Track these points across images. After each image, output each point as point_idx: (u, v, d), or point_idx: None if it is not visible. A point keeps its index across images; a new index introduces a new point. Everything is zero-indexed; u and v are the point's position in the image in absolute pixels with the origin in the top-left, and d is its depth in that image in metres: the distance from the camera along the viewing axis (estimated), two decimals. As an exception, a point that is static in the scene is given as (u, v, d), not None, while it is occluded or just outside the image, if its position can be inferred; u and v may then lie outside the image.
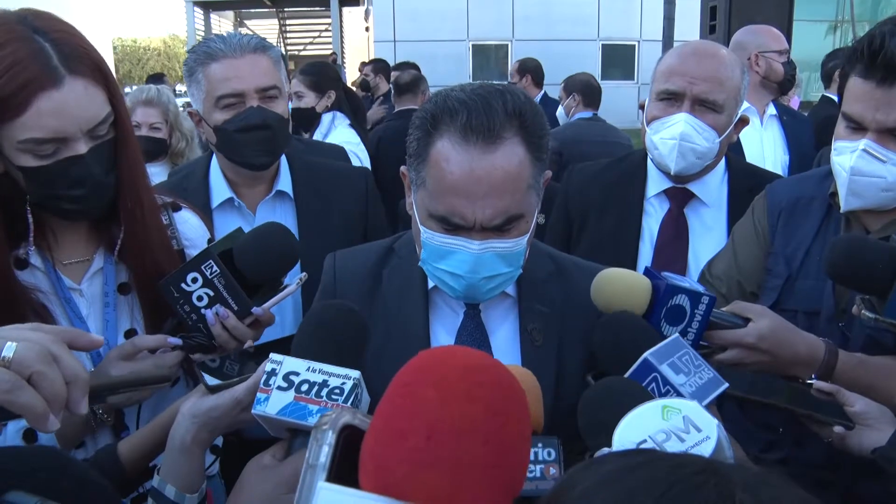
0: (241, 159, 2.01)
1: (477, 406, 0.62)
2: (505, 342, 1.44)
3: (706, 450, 0.86)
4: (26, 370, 0.96)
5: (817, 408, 1.42)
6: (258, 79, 1.94)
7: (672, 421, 0.89)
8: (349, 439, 0.68)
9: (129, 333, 1.52)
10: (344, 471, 0.65)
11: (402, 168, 1.43)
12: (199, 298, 1.43)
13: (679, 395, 1.10)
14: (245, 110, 1.94)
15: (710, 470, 0.57)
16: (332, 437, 0.69)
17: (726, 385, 1.16)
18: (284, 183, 2.13)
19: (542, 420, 1.06)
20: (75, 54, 1.32)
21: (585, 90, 5.44)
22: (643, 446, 0.88)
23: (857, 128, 1.55)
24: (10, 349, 0.96)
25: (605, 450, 0.91)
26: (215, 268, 1.42)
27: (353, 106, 4.26)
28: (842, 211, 1.63)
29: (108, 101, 1.38)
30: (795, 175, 2.03)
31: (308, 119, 4.12)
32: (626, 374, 1.12)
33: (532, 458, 0.97)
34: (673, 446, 0.87)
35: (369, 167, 3.78)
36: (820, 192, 1.77)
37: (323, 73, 4.25)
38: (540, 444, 0.99)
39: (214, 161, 2.14)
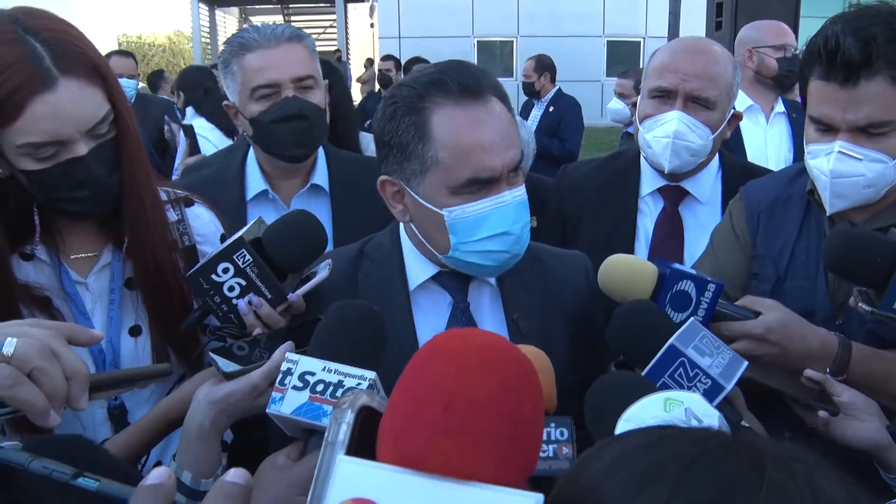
0: (278, 151, 1.99)
1: (492, 380, 0.63)
2: (493, 331, 1.44)
3: None
4: (27, 366, 0.97)
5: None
6: (294, 68, 1.92)
7: (674, 412, 0.91)
8: (366, 422, 0.69)
9: (134, 331, 1.51)
10: (360, 452, 0.66)
11: (382, 178, 1.42)
12: (231, 289, 1.40)
13: (708, 376, 1.12)
14: (281, 101, 1.92)
15: (739, 442, 0.57)
16: (350, 416, 0.69)
17: (746, 363, 1.18)
18: (320, 177, 2.10)
19: (555, 399, 1.07)
20: (69, 54, 1.29)
21: None
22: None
23: (828, 129, 1.54)
24: (10, 345, 0.96)
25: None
26: (248, 257, 1.39)
27: (212, 104, 4.85)
28: (828, 214, 1.62)
29: (106, 99, 1.35)
30: (767, 175, 2.00)
31: None
32: (652, 361, 1.14)
33: (545, 437, 0.99)
34: None
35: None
36: (796, 190, 1.75)
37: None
38: (553, 424, 1.01)
39: (251, 152, 2.12)
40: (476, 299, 1.47)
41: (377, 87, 8.91)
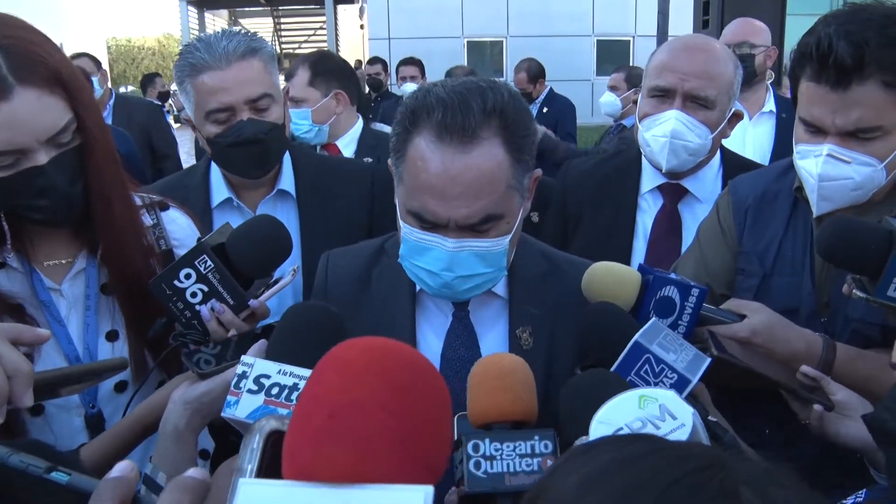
0: (236, 171, 1.98)
1: (380, 381, 0.64)
2: (494, 345, 1.43)
3: (681, 436, 0.87)
4: None
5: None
6: (247, 89, 1.85)
7: (648, 409, 0.90)
8: (278, 445, 0.70)
9: (111, 336, 1.50)
10: (275, 475, 0.67)
11: (389, 161, 1.42)
12: (193, 295, 1.40)
13: (674, 370, 1.12)
14: (236, 124, 1.86)
15: (716, 465, 0.56)
16: (257, 441, 0.71)
17: (710, 359, 1.18)
18: (286, 182, 2.07)
19: (536, 409, 1.06)
20: (27, 63, 1.27)
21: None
22: (619, 434, 0.89)
23: (817, 131, 1.54)
24: None
25: (584, 439, 0.92)
26: (209, 262, 1.38)
27: None
28: (815, 216, 1.62)
29: (68, 107, 1.33)
30: (756, 170, 1.99)
31: None
32: (618, 359, 1.14)
33: (529, 451, 0.97)
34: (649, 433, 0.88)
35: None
36: (784, 186, 1.75)
37: None
38: (537, 437, 0.98)
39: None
40: (478, 309, 1.45)
41: (366, 88, 8.89)
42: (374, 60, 8.86)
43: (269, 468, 0.68)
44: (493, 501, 0.95)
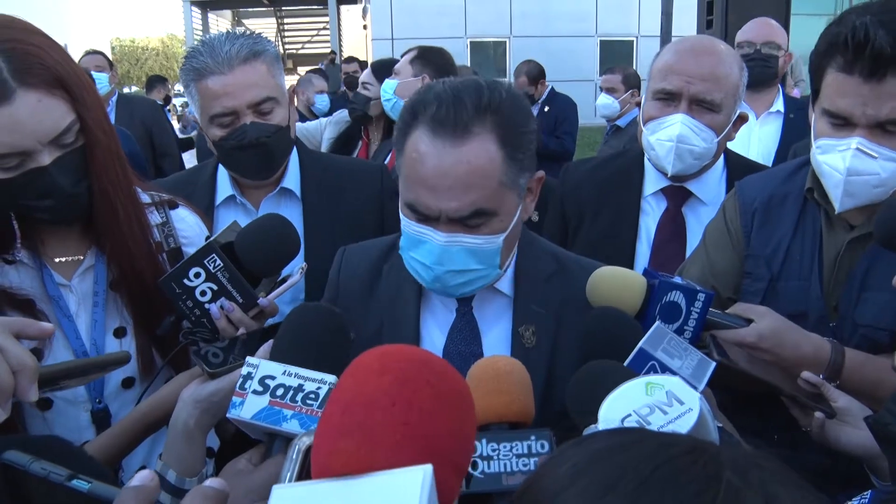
0: (241, 174, 2.00)
1: (386, 378, 0.68)
2: (496, 342, 1.44)
3: (689, 421, 0.87)
4: None
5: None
6: (250, 93, 1.85)
7: (656, 396, 0.90)
8: None
9: (119, 332, 1.51)
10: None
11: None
12: (203, 293, 1.41)
13: (679, 377, 1.11)
14: (239, 128, 1.87)
15: (699, 450, 0.57)
16: (295, 453, 0.77)
17: (714, 363, 1.18)
18: (291, 181, 2.07)
19: (533, 410, 1.06)
20: (27, 66, 1.28)
21: (639, 87, 5.34)
22: (628, 420, 0.89)
23: (844, 124, 1.50)
24: None
25: (593, 426, 0.92)
26: (218, 261, 1.40)
27: None
28: (837, 212, 1.58)
29: (71, 109, 1.34)
30: (763, 171, 1.96)
31: None
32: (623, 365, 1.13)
33: (525, 451, 0.98)
34: (657, 419, 0.88)
35: None
36: (793, 188, 1.72)
37: None
38: (533, 437, 0.99)
39: None
40: (482, 306, 1.46)
41: (342, 87, 8.81)
42: (349, 59, 8.79)
43: (308, 478, 0.72)
44: (491, 501, 0.96)
